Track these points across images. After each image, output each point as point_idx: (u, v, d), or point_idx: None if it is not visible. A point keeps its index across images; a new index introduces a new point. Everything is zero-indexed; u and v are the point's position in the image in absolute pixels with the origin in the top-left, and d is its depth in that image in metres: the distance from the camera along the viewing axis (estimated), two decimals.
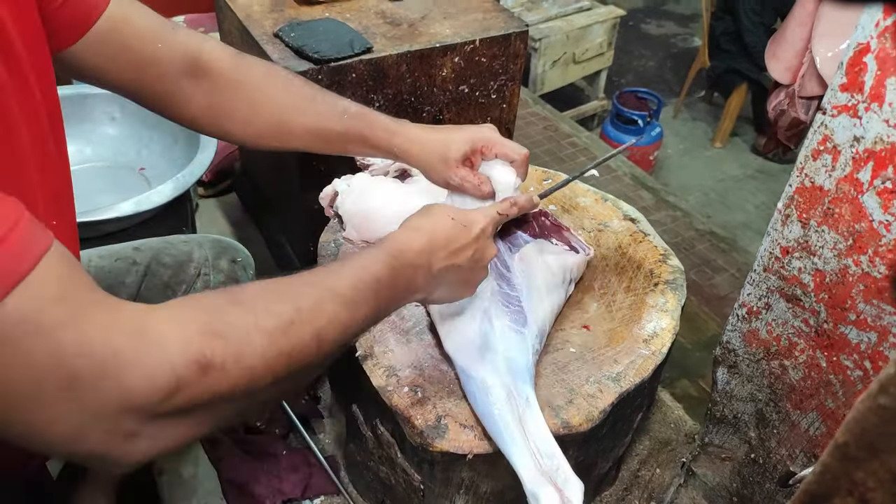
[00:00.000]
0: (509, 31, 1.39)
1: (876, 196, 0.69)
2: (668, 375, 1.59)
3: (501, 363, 0.84)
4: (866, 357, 0.77)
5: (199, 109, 0.85)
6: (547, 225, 1.04)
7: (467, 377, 0.84)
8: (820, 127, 0.72)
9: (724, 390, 0.97)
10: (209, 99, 0.84)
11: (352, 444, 1.06)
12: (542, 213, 1.05)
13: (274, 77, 0.88)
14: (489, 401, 0.81)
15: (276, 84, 0.88)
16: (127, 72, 0.78)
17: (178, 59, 0.81)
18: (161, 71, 0.80)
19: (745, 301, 0.89)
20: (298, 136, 0.90)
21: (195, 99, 0.84)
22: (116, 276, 1.01)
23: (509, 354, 0.85)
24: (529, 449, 0.79)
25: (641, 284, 1.06)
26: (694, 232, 2.20)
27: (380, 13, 1.42)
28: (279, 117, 0.88)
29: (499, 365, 0.84)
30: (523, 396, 0.82)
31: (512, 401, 0.81)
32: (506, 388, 0.82)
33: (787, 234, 0.80)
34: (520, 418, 0.81)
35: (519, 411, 0.81)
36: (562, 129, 2.70)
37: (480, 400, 0.82)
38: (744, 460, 1.00)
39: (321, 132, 0.90)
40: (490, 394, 0.81)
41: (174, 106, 0.84)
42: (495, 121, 1.51)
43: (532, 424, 0.80)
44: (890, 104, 0.65)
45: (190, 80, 0.82)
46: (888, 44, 0.64)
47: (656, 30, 4.64)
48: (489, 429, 0.81)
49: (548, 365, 0.94)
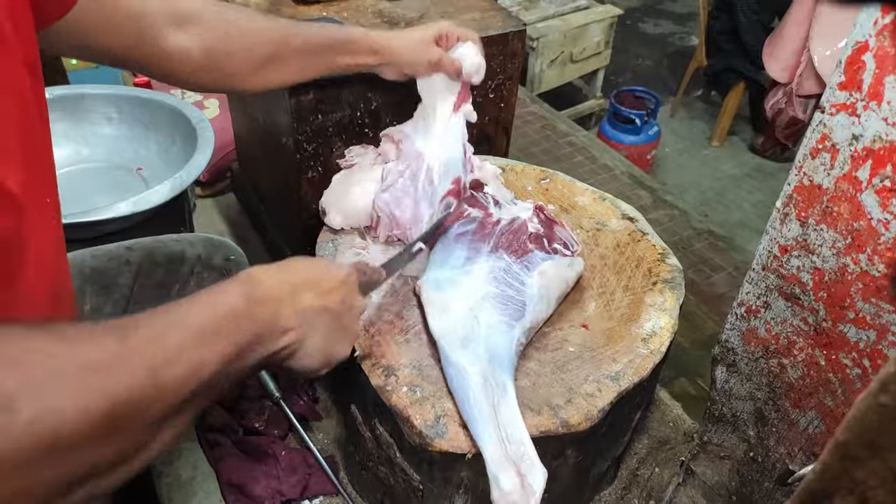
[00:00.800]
0: (507, 30, 1.39)
1: (874, 194, 0.69)
2: (666, 374, 1.59)
3: (483, 352, 0.87)
4: (865, 355, 0.77)
5: (200, 58, 0.86)
6: (542, 219, 1.07)
7: (448, 362, 0.87)
8: (818, 125, 0.72)
9: (723, 389, 0.97)
10: (205, 44, 0.86)
11: (351, 444, 1.06)
12: (538, 206, 1.09)
13: (252, 12, 0.94)
14: (465, 385, 0.83)
15: (257, 17, 0.93)
16: (123, 35, 0.78)
17: (162, 10, 0.81)
18: (152, 24, 0.80)
19: (744, 300, 0.89)
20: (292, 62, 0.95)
21: (192, 49, 0.85)
22: (110, 276, 1.01)
23: (492, 342, 0.88)
24: (498, 434, 0.80)
25: (640, 283, 1.06)
26: (692, 230, 2.20)
27: (377, 12, 1.42)
28: (273, 48, 0.92)
29: (480, 353, 0.87)
30: (500, 385, 0.84)
31: (488, 387, 0.83)
32: (483, 374, 0.84)
33: (786, 233, 0.80)
34: (494, 405, 0.82)
35: (495, 399, 0.83)
36: (559, 128, 2.70)
37: (457, 384, 0.84)
38: (743, 459, 1.00)
39: (310, 48, 0.96)
40: (466, 378, 0.83)
41: (175, 62, 0.84)
42: (493, 120, 1.51)
43: (505, 412, 0.82)
44: (888, 102, 0.65)
45: (179, 30, 0.83)
46: (886, 42, 0.64)
47: (654, 29, 4.65)
48: (463, 411, 0.83)
49: (546, 364, 0.94)
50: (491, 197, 1.12)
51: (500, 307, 0.93)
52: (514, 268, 0.98)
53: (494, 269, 0.97)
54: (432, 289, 0.95)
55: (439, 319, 0.91)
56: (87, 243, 1.08)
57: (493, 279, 0.96)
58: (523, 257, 1.00)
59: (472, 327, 0.90)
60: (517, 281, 0.97)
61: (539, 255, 1.02)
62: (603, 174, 2.43)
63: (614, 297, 1.06)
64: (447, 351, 0.88)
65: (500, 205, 1.11)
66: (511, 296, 0.95)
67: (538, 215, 1.08)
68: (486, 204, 1.10)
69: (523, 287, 0.96)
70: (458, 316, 0.91)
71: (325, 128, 1.30)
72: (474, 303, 0.93)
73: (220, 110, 2.25)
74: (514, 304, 0.94)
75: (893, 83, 0.64)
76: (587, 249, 1.15)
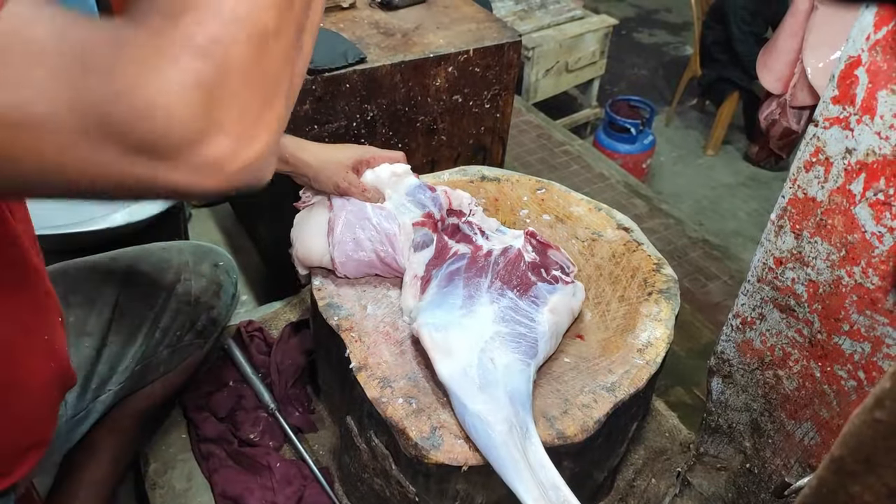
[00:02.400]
0: (502, 41, 1.40)
1: (868, 207, 0.70)
2: (662, 383, 1.59)
3: (503, 396, 0.83)
4: (860, 367, 0.77)
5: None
6: (535, 245, 1.04)
7: (464, 408, 0.82)
8: (812, 139, 0.72)
9: (719, 400, 0.98)
10: None
11: (346, 456, 1.06)
12: (529, 233, 1.06)
13: None
14: (492, 436, 0.80)
15: None
16: None
17: None
18: None
19: (739, 311, 0.89)
20: None
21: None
22: (93, 285, 1.01)
23: (512, 386, 0.84)
24: (536, 482, 0.78)
25: (635, 294, 1.06)
26: (687, 239, 2.21)
27: (373, 23, 1.43)
28: None
29: (500, 398, 0.82)
30: (524, 427, 0.82)
31: (514, 433, 0.80)
32: (507, 421, 0.80)
33: (781, 245, 0.80)
34: (523, 450, 0.80)
35: (521, 443, 0.80)
36: (555, 138, 2.71)
37: (482, 434, 0.81)
38: (739, 470, 1.00)
39: None
40: (492, 429, 0.80)
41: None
42: (489, 130, 1.51)
43: (533, 455, 0.80)
44: (881, 117, 0.65)
45: None
46: (879, 57, 0.64)
47: (648, 39, 4.68)
48: (492, 461, 0.80)
49: (542, 375, 0.94)
50: (476, 227, 1.09)
51: (513, 345, 0.89)
52: (521, 304, 0.94)
53: (501, 307, 0.93)
54: (433, 330, 0.88)
55: (447, 364, 0.85)
56: (81, 253, 1.08)
57: (500, 318, 0.91)
58: (528, 291, 0.96)
59: (489, 369, 0.85)
60: (527, 318, 0.93)
61: (543, 287, 0.97)
62: (598, 183, 2.44)
63: (610, 307, 1.06)
64: (463, 399, 0.82)
65: (486, 235, 1.08)
66: (523, 333, 0.91)
67: (531, 242, 1.04)
68: (471, 235, 1.07)
69: (534, 324, 0.92)
70: (467, 359, 0.86)
71: (322, 138, 1.30)
72: (485, 344, 0.87)
73: None
74: (527, 342, 0.90)
75: (886, 97, 0.65)
76: (583, 259, 1.15)
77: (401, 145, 1.41)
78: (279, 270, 1.63)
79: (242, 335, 1.31)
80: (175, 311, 1.06)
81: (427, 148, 1.46)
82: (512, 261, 1.00)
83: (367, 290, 1.06)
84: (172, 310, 1.06)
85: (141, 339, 1.01)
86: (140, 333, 1.01)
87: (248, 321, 1.35)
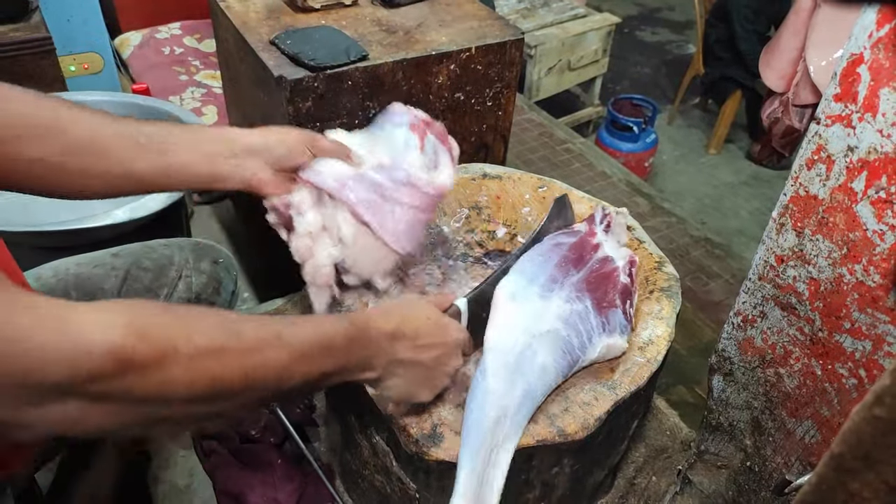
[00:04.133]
0: (505, 38, 1.40)
1: (870, 205, 0.69)
2: (663, 382, 1.59)
3: (519, 390, 0.83)
4: (861, 365, 0.77)
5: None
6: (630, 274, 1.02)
7: (483, 376, 0.82)
8: (814, 136, 0.72)
9: (720, 398, 0.98)
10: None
11: (347, 452, 1.06)
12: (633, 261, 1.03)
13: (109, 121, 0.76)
14: (483, 410, 0.80)
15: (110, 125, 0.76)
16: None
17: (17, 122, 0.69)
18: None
19: (740, 309, 0.89)
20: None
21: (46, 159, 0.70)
22: (95, 282, 1.01)
23: (532, 387, 0.84)
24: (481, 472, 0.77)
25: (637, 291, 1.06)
26: (689, 238, 2.21)
27: (375, 21, 1.43)
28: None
29: (515, 389, 0.82)
30: (515, 428, 0.82)
31: (501, 425, 0.80)
32: (504, 411, 0.81)
33: (782, 243, 0.80)
34: (497, 446, 0.80)
35: (500, 438, 0.80)
36: (557, 136, 2.70)
37: (478, 403, 0.80)
38: (740, 468, 1.00)
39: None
40: (487, 405, 0.80)
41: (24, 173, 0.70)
42: (491, 128, 1.51)
43: (500, 457, 0.80)
44: (883, 114, 0.65)
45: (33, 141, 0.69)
46: (881, 54, 0.64)
47: (651, 37, 4.67)
48: (465, 429, 0.79)
49: None
50: (607, 219, 1.06)
51: (560, 353, 0.87)
52: (591, 319, 0.91)
53: (573, 309, 0.91)
54: (508, 299, 0.89)
55: (498, 331, 0.86)
56: (84, 249, 1.08)
57: (566, 320, 0.90)
58: (606, 312, 0.94)
59: (526, 359, 0.85)
60: (587, 334, 0.90)
61: (619, 318, 0.95)
62: (601, 181, 2.44)
63: None
64: (490, 368, 0.82)
65: (608, 233, 1.05)
66: (574, 346, 0.89)
67: (629, 269, 1.02)
68: (594, 223, 1.05)
69: (588, 344, 0.90)
70: (517, 339, 0.85)
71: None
72: (539, 335, 0.87)
73: (217, 117, 2.25)
74: (572, 357, 0.89)
75: (888, 95, 0.64)
76: None
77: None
78: (280, 267, 1.63)
79: None
80: None
81: None
82: (606, 273, 0.98)
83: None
84: None
85: None
86: None
87: None
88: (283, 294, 1.47)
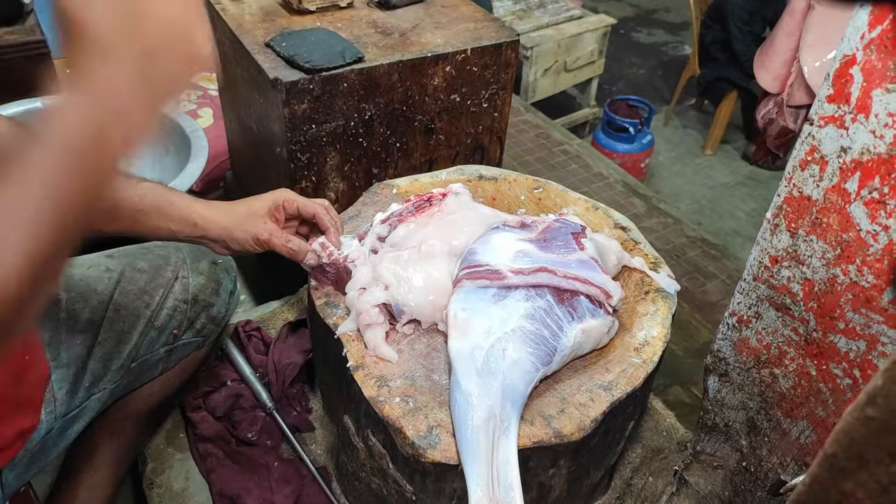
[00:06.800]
0: (500, 40, 1.40)
1: (863, 206, 0.70)
2: (660, 382, 1.59)
3: (497, 386, 0.84)
4: (855, 366, 0.77)
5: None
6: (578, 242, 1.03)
7: (457, 384, 0.84)
8: (807, 137, 0.73)
9: (716, 398, 0.98)
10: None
11: (343, 455, 1.06)
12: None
13: None
14: (467, 415, 0.81)
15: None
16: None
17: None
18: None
19: (736, 310, 0.89)
20: (123, 220, 0.89)
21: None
22: (88, 283, 1.00)
23: (511, 379, 0.85)
24: (489, 475, 0.78)
25: (632, 293, 1.06)
26: (685, 239, 2.21)
27: (371, 23, 1.43)
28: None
29: (492, 386, 0.83)
30: (506, 422, 0.82)
31: (491, 422, 0.81)
32: (489, 410, 0.82)
33: (776, 244, 0.80)
34: (494, 441, 0.81)
35: (496, 434, 0.81)
36: (553, 137, 2.71)
37: (461, 412, 0.82)
38: (735, 468, 1.00)
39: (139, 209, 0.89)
40: (470, 409, 0.81)
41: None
42: (487, 129, 1.51)
43: (503, 451, 0.80)
44: (876, 115, 0.66)
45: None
46: (874, 56, 0.64)
47: (647, 38, 4.68)
48: (459, 440, 0.82)
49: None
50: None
51: (531, 345, 0.88)
52: (556, 309, 0.92)
53: (535, 306, 0.91)
54: (460, 311, 0.90)
55: (459, 342, 0.87)
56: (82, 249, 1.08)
57: (530, 315, 0.90)
58: (570, 301, 0.94)
59: (496, 358, 0.86)
60: (556, 325, 0.91)
61: (586, 304, 0.94)
62: (597, 182, 2.44)
63: None
64: (459, 375, 0.84)
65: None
66: (545, 337, 0.89)
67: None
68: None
69: (560, 333, 0.90)
70: (479, 342, 0.87)
71: (319, 137, 1.30)
72: (504, 334, 0.88)
73: (213, 119, 2.25)
74: (546, 348, 0.89)
75: (881, 96, 0.65)
76: None
77: (399, 144, 1.41)
78: (277, 270, 1.63)
79: (240, 335, 1.31)
80: (172, 309, 1.06)
81: (425, 147, 1.46)
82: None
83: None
84: (169, 308, 1.05)
85: (136, 337, 1.01)
86: (135, 331, 1.01)
87: (245, 321, 1.35)
88: (279, 297, 1.47)
